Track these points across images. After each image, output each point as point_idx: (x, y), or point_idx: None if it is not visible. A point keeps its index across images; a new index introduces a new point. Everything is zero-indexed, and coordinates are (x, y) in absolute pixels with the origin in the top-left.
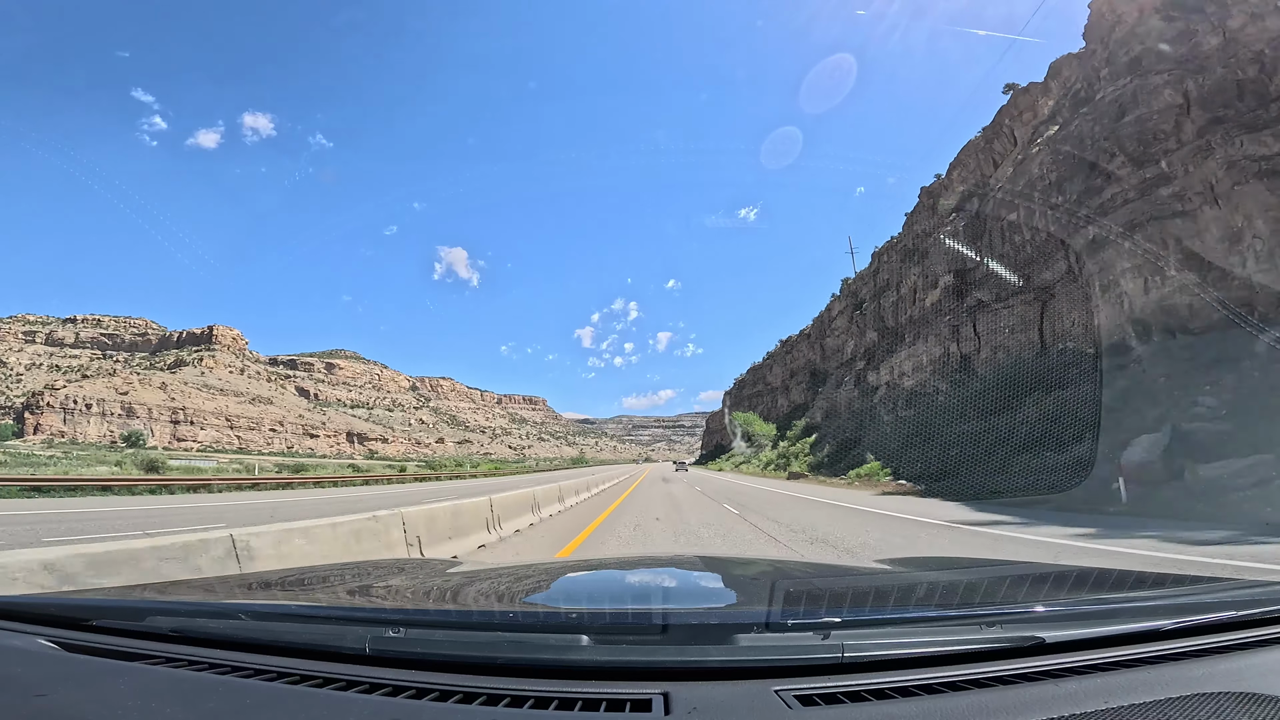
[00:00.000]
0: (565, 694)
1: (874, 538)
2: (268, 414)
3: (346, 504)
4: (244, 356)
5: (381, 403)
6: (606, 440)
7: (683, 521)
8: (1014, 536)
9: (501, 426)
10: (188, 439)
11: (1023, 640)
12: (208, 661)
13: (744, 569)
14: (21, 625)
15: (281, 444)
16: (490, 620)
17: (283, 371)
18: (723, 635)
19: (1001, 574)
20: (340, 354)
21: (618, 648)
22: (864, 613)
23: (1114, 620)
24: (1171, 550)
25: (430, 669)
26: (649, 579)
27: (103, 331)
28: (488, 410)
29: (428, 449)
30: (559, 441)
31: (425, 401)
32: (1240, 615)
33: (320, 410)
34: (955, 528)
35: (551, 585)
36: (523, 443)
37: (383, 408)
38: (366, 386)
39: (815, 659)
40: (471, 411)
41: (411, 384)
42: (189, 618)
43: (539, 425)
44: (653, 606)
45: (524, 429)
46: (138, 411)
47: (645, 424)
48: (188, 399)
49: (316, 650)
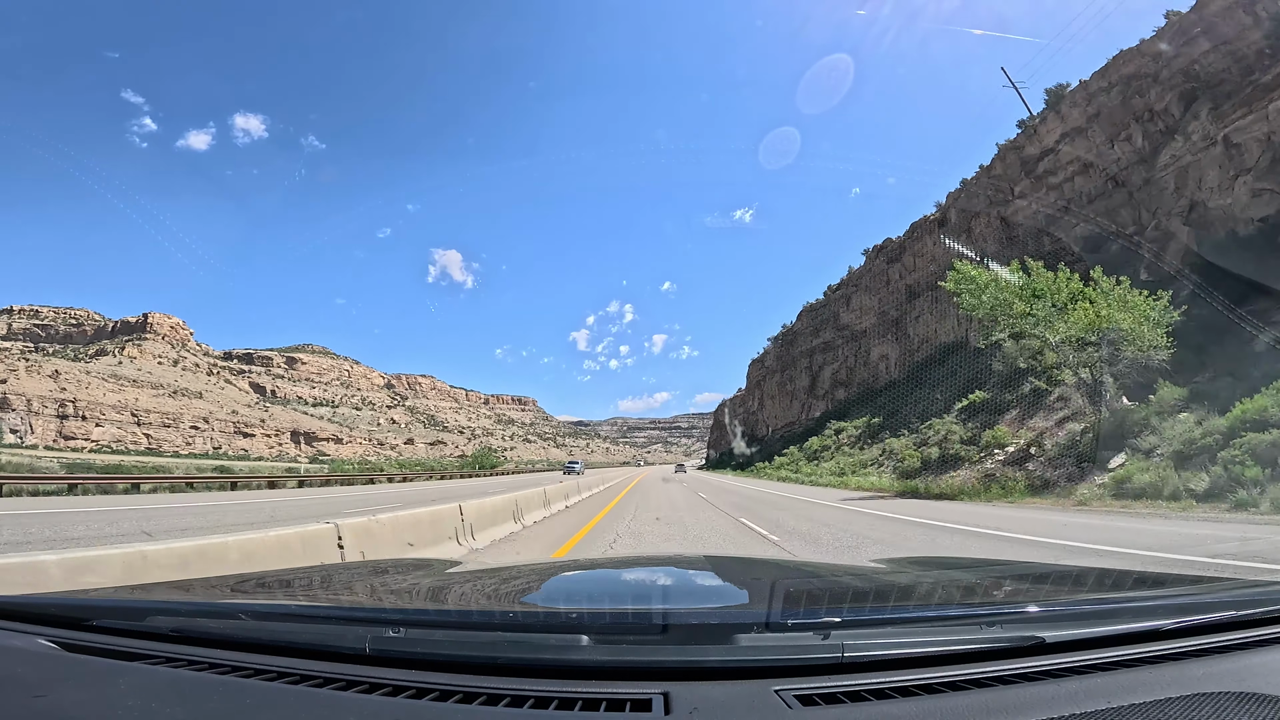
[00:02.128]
0: (565, 694)
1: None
2: (191, 410)
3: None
4: (184, 348)
5: (349, 401)
6: (599, 442)
7: None
8: None
9: (484, 427)
10: (78, 436)
11: (1023, 640)
12: (208, 661)
13: (744, 569)
14: (21, 625)
15: (205, 444)
16: (490, 620)
17: (237, 366)
18: (723, 635)
19: (1001, 574)
20: (308, 349)
21: (618, 647)
22: (864, 612)
23: (1114, 620)
24: None
25: (430, 669)
26: (649, 579)
27: (37, 322)
28: (473, 410)
29: (393, 450)
30: (547, 443)
31: (401, 400)
32: (1240, 615)
33: (265, 407)
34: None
35: (552, 585)
36: (505, 444)
37: (349, 406)
38: (334, 383)
39: (815, 659)
40: (453, 411)
41: (387, 381)
42: (189, 618)
43: (527, 426)
44: (653, 606)
45: (509, 430)
46: (13, 403)
47: (640, 426)
48: (85, 390)
49: (316, 650)
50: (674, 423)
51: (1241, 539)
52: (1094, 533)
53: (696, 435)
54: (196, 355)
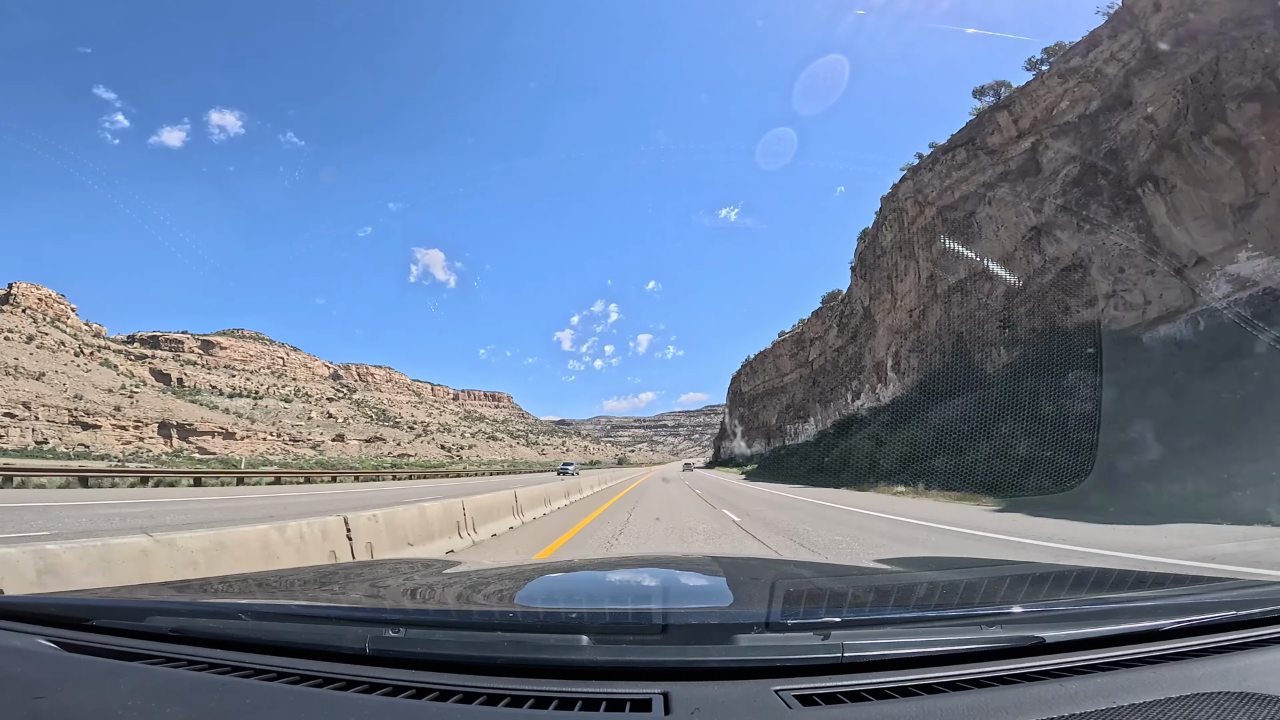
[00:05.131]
0: (565, 694)
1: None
2: (12, 393)
3: None
4: (56, 324)
5: (279, 391)
6: (578, 440)
7: None
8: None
9: (445, 423)
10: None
11: (1023, 640)
12: (208, 661)
13: (744, 569)
14: (21, 625)
15: (21, 437)
16: (490, 620)
17: (138, 350)
18: (723, 635)
19: (1001, 574)
20: (236, 334)
21: (618, 648)
22: (864, 613)
23: (1114, 620)
24: None
25: (430, 669)
26: (649, 579)
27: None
28: (438, 406)
29: (318, 448)
30: (517, 441)
31: (348, 393)
32: (1240, 615)
33: (130, 394)
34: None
35: (552, 585)
36: (464, 442)
37: (277, 397)
38: (262, 372)
39: (815, 659)
40: (411, 406)
41: (333, 372)
42: (189, 618)
43: (499, 424)
44: (653, 606)
45: (476, 427)
46: None
47: (625, 424)
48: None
49: (316, 650)
50: (659, 421)
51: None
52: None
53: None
54: (72, 333)
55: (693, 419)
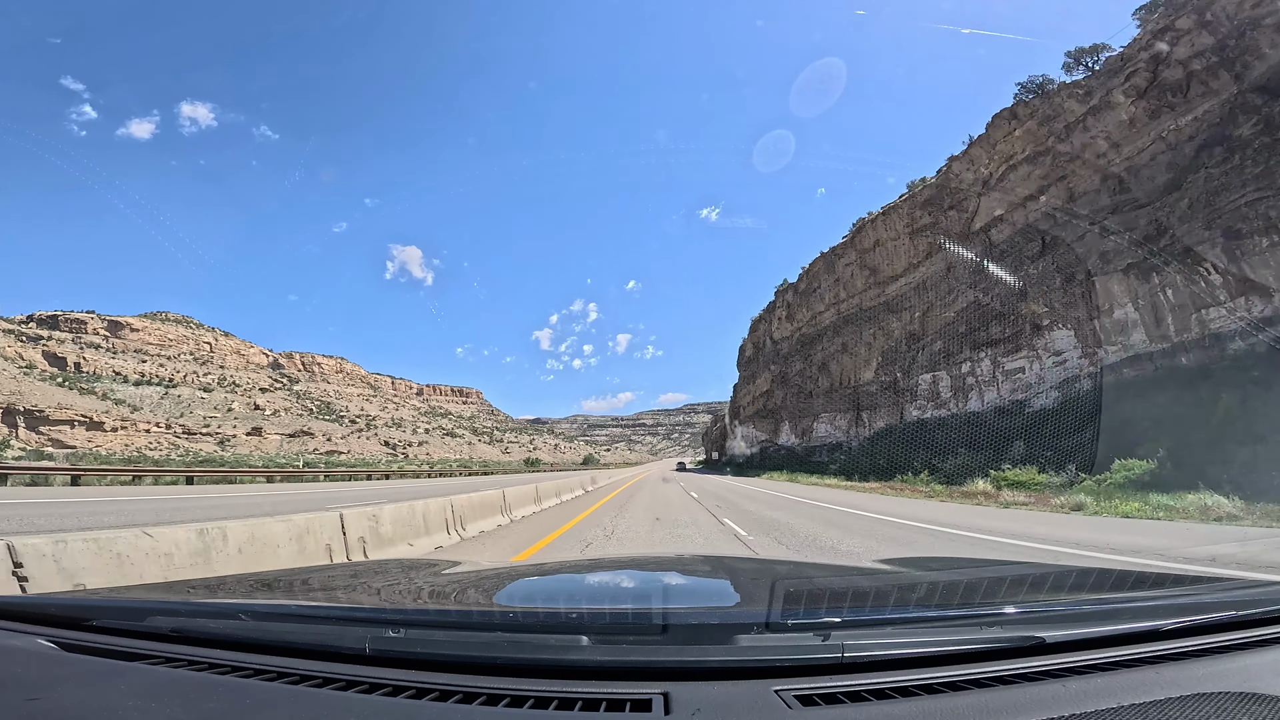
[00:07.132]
0: (565, 694)
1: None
2: None
3: None
4: None
5: (203, 379)
6: (549, 439)
7: None
8: None
9: (398, 418)
10: None
11: (1023, 640)
12: (208, 661)
13: (744, 569)
14: (21, 625)
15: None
16: (490, 620)
17: (33, 331)
18: (723, 635)
19: (1001, 574)
20: (159, 316)
21: (618, 648)
22: (864, 613)
23: (1114, 620)
24: None
25: (430, 669)
26: (649, 579)
27: None
28: (396, 400)
29: (226, 444)
30: (481, 438)
31: (288, 383)
32: (1240, 615)
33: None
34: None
35: (552, 585)
36: (413, 438)
37: (196, 386)
38: (183, 357)
39: (815, 659)
40: (363, 399)
41: (271, 360)
42: (189, 618)
43: (464, 420)
44: (653, 606)
45: (434, 423)
46: None
47: (602, 423)
48: None
49: (316, 650)
50: (638, 419)
51: None
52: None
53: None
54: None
55: (671, 418)
